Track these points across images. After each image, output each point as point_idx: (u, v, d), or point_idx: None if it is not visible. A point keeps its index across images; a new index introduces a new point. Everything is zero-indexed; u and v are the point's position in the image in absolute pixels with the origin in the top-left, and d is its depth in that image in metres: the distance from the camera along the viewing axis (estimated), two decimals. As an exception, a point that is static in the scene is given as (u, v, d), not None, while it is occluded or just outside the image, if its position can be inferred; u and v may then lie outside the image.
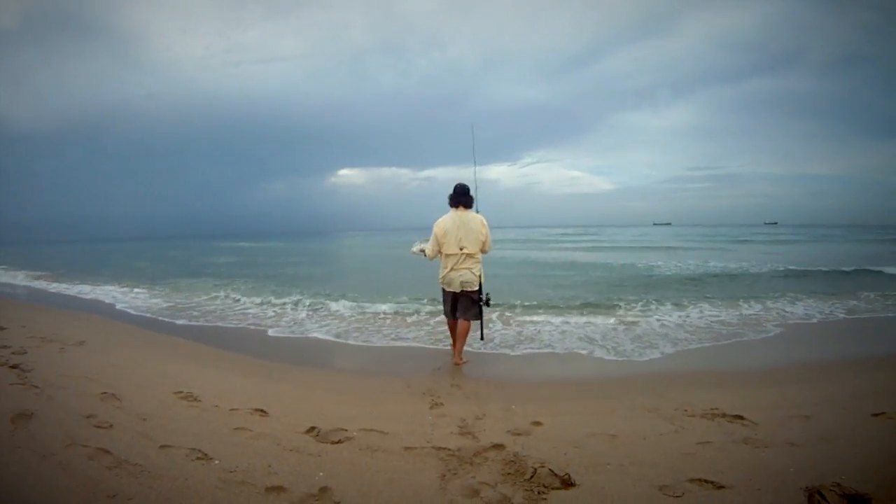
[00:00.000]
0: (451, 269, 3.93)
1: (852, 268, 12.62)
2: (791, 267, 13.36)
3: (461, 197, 3.91)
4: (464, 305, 4.01)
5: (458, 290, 3.99)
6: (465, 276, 3.89)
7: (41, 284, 12.50)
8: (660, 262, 15.84)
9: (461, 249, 3.86)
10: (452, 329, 4.19)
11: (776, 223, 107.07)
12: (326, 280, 12.75)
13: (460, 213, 3.90)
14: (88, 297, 9.97)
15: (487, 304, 4.07)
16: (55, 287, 11.74)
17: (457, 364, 4.11)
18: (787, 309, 7.24)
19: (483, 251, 3.97)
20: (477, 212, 4.05)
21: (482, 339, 4.47)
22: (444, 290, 4.12)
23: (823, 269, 12.71)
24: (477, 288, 3.93)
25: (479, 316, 4.08)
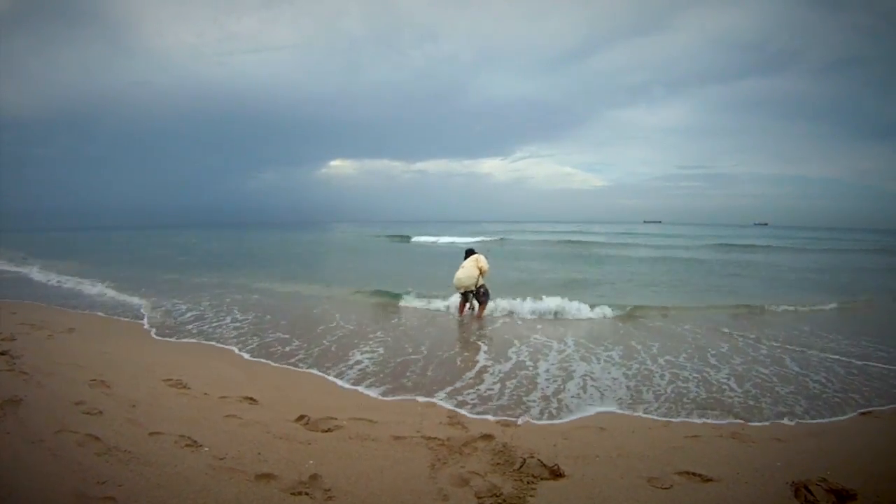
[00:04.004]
0: (457, 279, 6.80)
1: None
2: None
3: (469, 253, 7.11)
4: (474, 296, 6.88)
5: (460, 289, 6.85)
6: (464, 281, 6.77)
7: None
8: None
9: (462, 268, 6.89)
10: (461, 306, 6.98)
11: (766, 224, 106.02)
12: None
13: (469, 258, 6.94)
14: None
15: (479, 290, 6.80)
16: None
17: (480, 318, 6.71)
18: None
19: (480, 269, 6.75)
20: (483, 255, 7.02)
21: (487, 294, 6.92)
22: (458, 291, 6.99)
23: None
24: (472, 289, 6.77)
25: (484, 298, 6.80)
